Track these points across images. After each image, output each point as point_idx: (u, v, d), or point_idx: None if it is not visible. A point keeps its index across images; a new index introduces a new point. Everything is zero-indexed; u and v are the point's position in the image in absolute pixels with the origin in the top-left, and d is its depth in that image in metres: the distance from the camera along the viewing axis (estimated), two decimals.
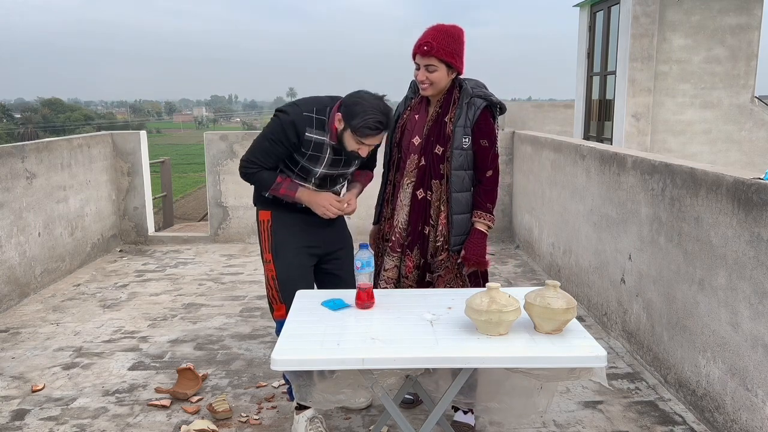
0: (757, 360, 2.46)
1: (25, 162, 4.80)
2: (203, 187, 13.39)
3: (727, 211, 2.65)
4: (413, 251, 2.71)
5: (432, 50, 2.53)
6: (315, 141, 2.52)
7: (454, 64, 2.57)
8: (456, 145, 2.59)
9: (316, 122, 2.51)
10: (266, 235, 2.68)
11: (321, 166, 2.57)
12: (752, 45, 7.83)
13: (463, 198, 2.64)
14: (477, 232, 2.64)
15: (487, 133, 2.61)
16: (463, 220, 2.65)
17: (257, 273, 5.40)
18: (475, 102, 2.60)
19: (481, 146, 2.61)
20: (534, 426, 2.85)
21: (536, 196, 5.62)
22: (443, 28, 2.58)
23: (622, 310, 3.74)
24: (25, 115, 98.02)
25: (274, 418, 2.93)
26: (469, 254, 2.63)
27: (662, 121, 7.93)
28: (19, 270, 4.65)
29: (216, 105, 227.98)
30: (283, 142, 2.50)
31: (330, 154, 2.56)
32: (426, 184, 2.66)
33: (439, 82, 2.58)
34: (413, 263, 2.71)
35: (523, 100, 48.81)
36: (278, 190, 2.57)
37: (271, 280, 2.68)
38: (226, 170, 6.39)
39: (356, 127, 2.37)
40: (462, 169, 2.62)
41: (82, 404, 3.08)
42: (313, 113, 2.52)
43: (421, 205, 2.68)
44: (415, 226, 2.70)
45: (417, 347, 1.94)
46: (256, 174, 2.58)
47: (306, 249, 2.68)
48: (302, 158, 2.55)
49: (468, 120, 2.59)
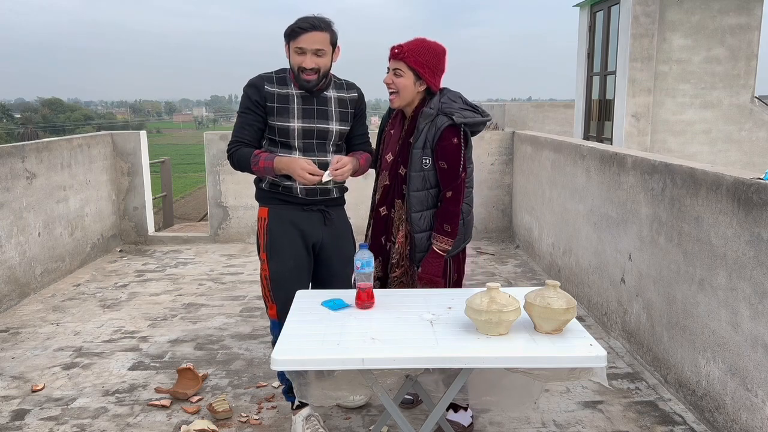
0: (757, 360, 2.46)
1: (25, 162, 4.80)
2: (203, 187, 13.40)
3: (727, 211, 2.65)
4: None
5: (401, 53, 2.53)
6: (278, 93, 2.56)
7: (423, 74, 2.54)
8: (415, 169, 2.57)
9: (276, 79, 2.59)
10: (262, 233, 2.67)
11: (294, 118, 2.55)
12: (752, 45, 7.83)
13: (426, 216, 2.62)
14: (433, 252, 2.61)
15: (447, 154, 2.54)
16: (422, 238, 2.63)
17: (257, 273, 5.40)
18: (438, 121, 2.54)
19: (440, 167, 2.56)
20: (534, 426, 2.85)
21: (536, 196, 5.62)
22: (423, 41, 2.58)
23: (622, 310, 3.74)
24: (25, 115, 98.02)
25: (274, 418, 2.93)
26: (422, 273, 2.63)
27: (662, 121, 7.93)
28: (19, 270, 4.65)
29: (216, 105, 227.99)
30: (250, 107, 2.57)
31: (299, 103, 2.56)
32: (389, 202, 2.69)
33: (404, 89, 2.57)
34: (375, 275, 2.71)
35: (523, 100, 48.79)
36: (258, 162, 2.53)
37: (264, 279, 2.68)
38: (226, 170, 6.39)
39: (287, 33, 2.49)
40: (424, 189, 2.60)
41: (82, 404, 3.08)
42: (272, 73, 2.62)
43: (383, 221, 2.72)
44: (377, 240, 2.74)
45: (417, 347, 1.94)
46: (236, 152, 2.59)
47: (302, 248, 2.66)
48: (274, 116, 2.56)
49: (428, 141, 2.55)
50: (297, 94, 2.57)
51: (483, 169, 6.41)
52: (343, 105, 2.66)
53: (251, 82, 2.59)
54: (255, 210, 6.40)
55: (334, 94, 2.64)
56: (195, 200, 28.76)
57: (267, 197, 2.68)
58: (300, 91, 2.57)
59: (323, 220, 2.69)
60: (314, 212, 2.67)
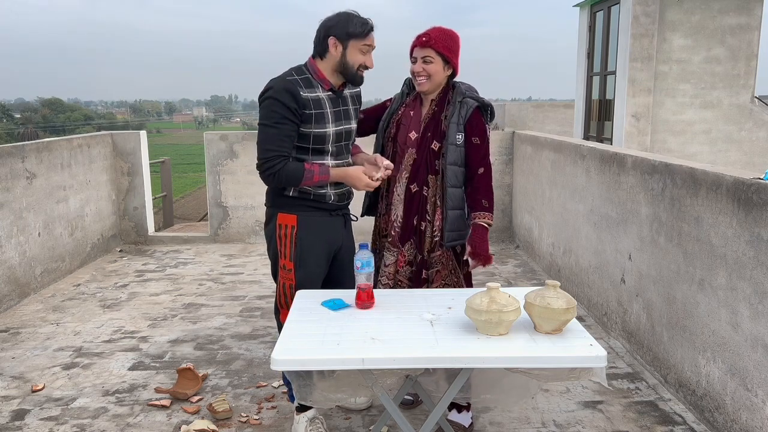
0: (757, 360, 2.46)
1: (25, 162, 4.80)
2: (203, 187, 13.39)
3: (727, 211, 2.65)
4: (405, 246, 2.73)
5: (430, 41, 2.62)
6: (311, 98, 2.46)
7: (451, 60, 2.66)
8: (450, 141, 2.63)
9: (303, 81, 2.46)
10: (289, 241, 2.55)
11: (329, 123, 2.50)
12: (752, 45, 7.83)
13: (458, 193, 2.67)
14: (479, 227, 2.64)
15: (478, 131, 2.66)
16: (456, 215, 2.67)
17: (257, 273, 5.40)
18: (467, 102, 2.66)
19: (472, 143, 2.66)
20: (534, 426, 2.85)
21: (536, 196, 5.62)
22: (442, 28, 2.68)
23: (622, 310, 3.74)
24: (25, 115, 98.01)
25: (274, 418, 2.93)
26: (477, 250, 2.64)
27: (662, 121, 7.94)
28: (19, 270, 4.65)
29: (216, 105, 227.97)
30: (287, 116, 2.39)
31: (330, 107, 2.52)
32: (420, 178, 2.69)
33: (435, 75, 2.64)
34: (405, 259, 2.73)
35: (523, 100, 48.78)
36: (312, 178, 2.45)
37: (288, 288, 2.59)
38: (226, 170, 6.39)
39: (357, 32, 2.42)
40: (456, 165, 2.65)
41: (82, 404, 3.08)
42: (294, 76, 2.47)
43: (414, 200, 2.71)
44: (409, 220, 2.72)
45: (417, 347, 1.94)
46: (282, 169, 2.41)
47: (327, 256, 2.64)
48: (310, 124, 2.45)
49: (461, 117, 2.64)
50: (326, 97, 2.51)
51: None
52: (354, 102, 2.68)
53: (283, 87, 2.40)
54: (255, 210, 6.41)
55: (347, 91, 2.64)
56: (195, 200, 28.76)
57: (294, 204, 2.55)
58: (328, 93, 2.52)
59: (344, 223, 2.69)
60: (339, 216, 2.66)
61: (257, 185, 5.53)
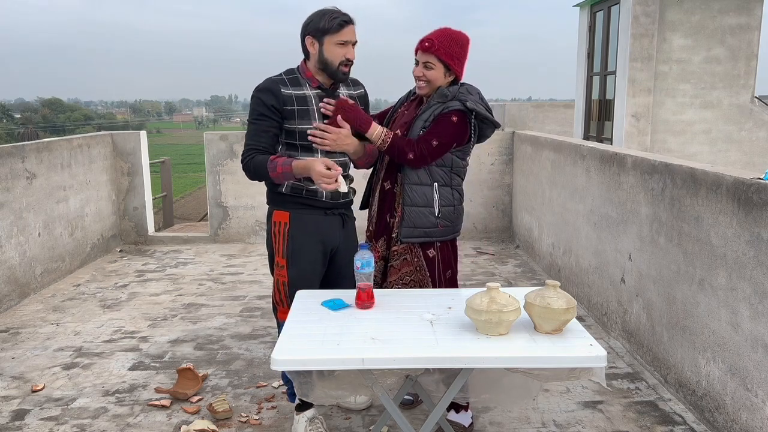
0: (757, 360, 2.46)
1: (25, 162, 4.80)
2: (203, 187, 13.40)
3: (727, 211, 2.65)
4: (379, 242, 2.75)
5: (432, 47, 2.57)
6: (296, 95, 2.50)
7: (453, 66, 2.60)
8: (412, 135, 2.59)
9: (289, 81, 2.52)
10: (282, 238, 2.59)
11: (314, 119, 2.51)
12: (752, 45, 7.83)
13: (418, 191, 2.62)
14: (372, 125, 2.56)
15: (438, 122, 2.55)
16: (413, 212, 2.62)
17: (257, 273, 5.40)
18: (450, 104, 2.58)
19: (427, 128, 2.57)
20: (534, 426, 2.85)
21: (536, 196, 5.62)
22: (449, 31, 2.62)
23: (622, 310, 3.74)
24: (25, 115, 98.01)
25: (274, 418, 2.93)
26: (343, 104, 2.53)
27: (662, 121, 7.93)
28: (19, 270, 4.65)
29: (216, 105, 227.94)
30: (264, 112, 2.47)
31: (317, 104, 2.52)
32: (393, 176, 2.70)
33: (434, 81, 2.61)
34: (379, 254, 2.74)
35: (523, 100, 48.78)
36: (275, 168, 2.45)
37: (281, 285, 2.62)
38: (226, 170, 6.39)
39: (328, 26, 2.42)
40: None
41: (82, 404, 3.08)
42: (282, 75, 2.55)
43: (387, 197, 2.72)
44: (382, 217, 2.74)
45: (417, 347, 1.94)
46: (251, 160, 2.49)
47: (321, 255, 2.64)
48: (293, 119, 2.49)
49: (433, 115, 2.59)
50: (313, 95, 2.53)
51: (483, 169, 6.42)
52: (356, 103, 2.66)
53: (264, 86, 2.50)
54: (255, 210, 6.41)
55: (345, 91, 2.64)
56: (195, 200, 28.75)
57: (287, 201, 2.59)
58: (316, 91, 2.54)
59: (342, 224, 2.68)
60: (335, 216, 2.65)
61: (257, 185, 5.53)
